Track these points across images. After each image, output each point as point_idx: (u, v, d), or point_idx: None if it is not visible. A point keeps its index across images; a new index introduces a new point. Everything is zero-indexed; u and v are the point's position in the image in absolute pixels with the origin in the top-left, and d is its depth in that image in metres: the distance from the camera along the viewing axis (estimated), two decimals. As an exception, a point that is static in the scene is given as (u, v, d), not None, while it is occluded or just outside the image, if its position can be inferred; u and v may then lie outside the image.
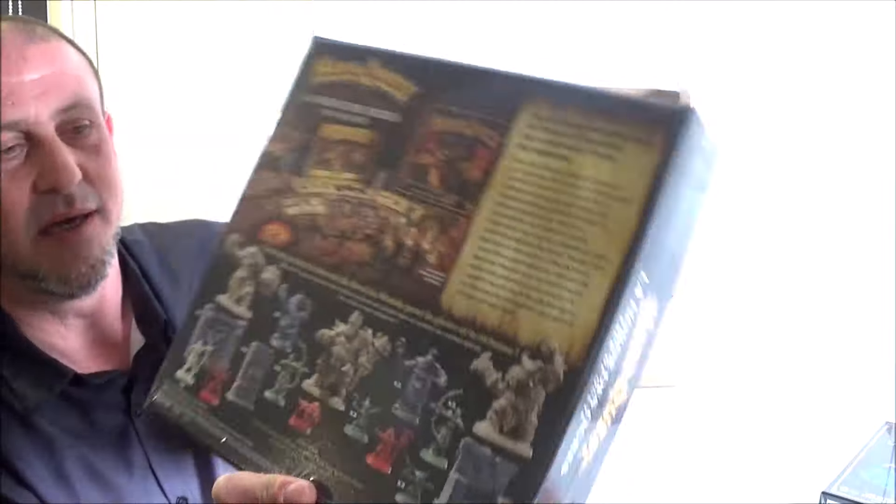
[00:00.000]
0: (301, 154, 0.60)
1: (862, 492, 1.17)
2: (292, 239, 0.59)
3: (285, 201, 0.60)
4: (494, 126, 0.53)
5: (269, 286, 0.59)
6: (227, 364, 0.60)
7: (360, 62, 0.59)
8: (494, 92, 0.55)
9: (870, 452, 1.26)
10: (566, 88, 0.52)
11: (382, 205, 0.56)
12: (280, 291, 0.58)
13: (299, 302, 0.58)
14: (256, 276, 0.60)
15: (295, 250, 0.58)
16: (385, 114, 0.58)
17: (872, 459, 1.24)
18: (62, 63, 0.81)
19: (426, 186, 0.54)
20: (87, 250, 0.80)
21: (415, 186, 0.55)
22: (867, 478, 1.20)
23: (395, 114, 0.57)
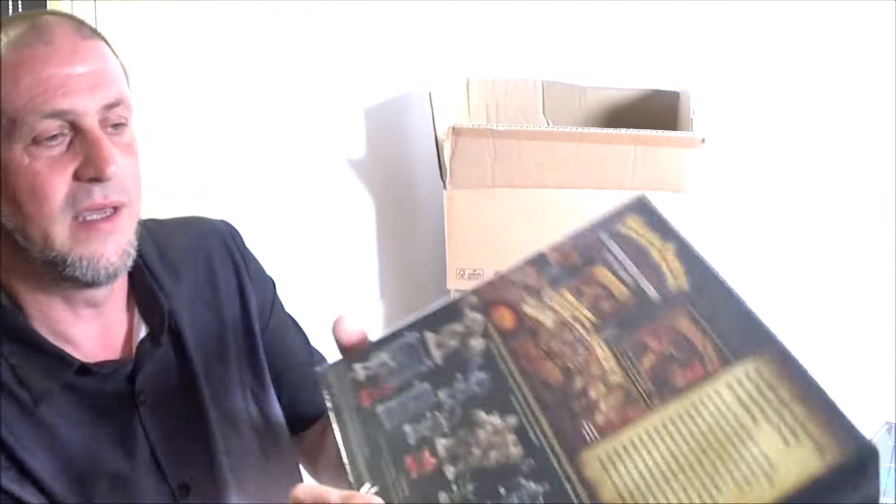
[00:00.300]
0: (566, 274, 0.69)
1: (862, 492, 1.17)
2: (512, 330, 0.67)
3: (529, 299, 0.68)
4: (721, 356, 0.59)
5: (469, 351, 0.68)
6: (396, 384, 0.68)
7: (662, 238, 0.68)
8: (739, 328, 0.60)
9: (870, 452, 1.26)
10: (794, 364, 0.57)
11: (595, 353, 0.63)
12: (473, 361, 0.67)
13: (480, 379, 0.66)
14: (466, 338, 0.69)
15: (508, 340, 0.67)
16: (651, 289, 0.65)
17: (872, 459, 1.24)
18: (106, 61, 0.85)
19: (637, 364, 0.62)
20: (116, 240, 0.83)
21: (629, 358, 0.62)
22: (867, 478, 1.20)
23: (658, 294, 0.65)
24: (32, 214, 0.81)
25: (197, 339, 0.95)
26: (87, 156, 0.81)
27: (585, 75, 1.78)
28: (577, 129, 1.46)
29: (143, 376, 0.89)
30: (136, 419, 0.88)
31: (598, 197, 1.49)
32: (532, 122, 1.76)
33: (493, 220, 1.50)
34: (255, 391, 1.00)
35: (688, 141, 1.44)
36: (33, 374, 0.83)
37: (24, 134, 0.80)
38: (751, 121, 1.73)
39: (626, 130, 1.45)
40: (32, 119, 0.80)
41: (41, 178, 0.80)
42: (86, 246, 0.82)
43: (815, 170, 1.70)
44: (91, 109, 0.81)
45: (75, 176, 0.81)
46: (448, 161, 1.46)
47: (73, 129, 0.81)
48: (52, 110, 0.80)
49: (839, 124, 1.67)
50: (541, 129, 1.48)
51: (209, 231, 1.04)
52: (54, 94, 0.80)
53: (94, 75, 0.82)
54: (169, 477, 0.88)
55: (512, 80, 1.76)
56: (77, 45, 0.83)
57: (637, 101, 1.75)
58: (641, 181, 1.47)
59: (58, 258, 0.82)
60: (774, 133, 1.72)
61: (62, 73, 0.81)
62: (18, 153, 0.80)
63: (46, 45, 0.81)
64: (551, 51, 1.83)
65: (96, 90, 0.82)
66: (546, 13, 1.82)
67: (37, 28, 0.82)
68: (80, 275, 0.83)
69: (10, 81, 0.80)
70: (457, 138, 1.44)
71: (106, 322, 0.90)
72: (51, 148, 0.81)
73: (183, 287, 0.95)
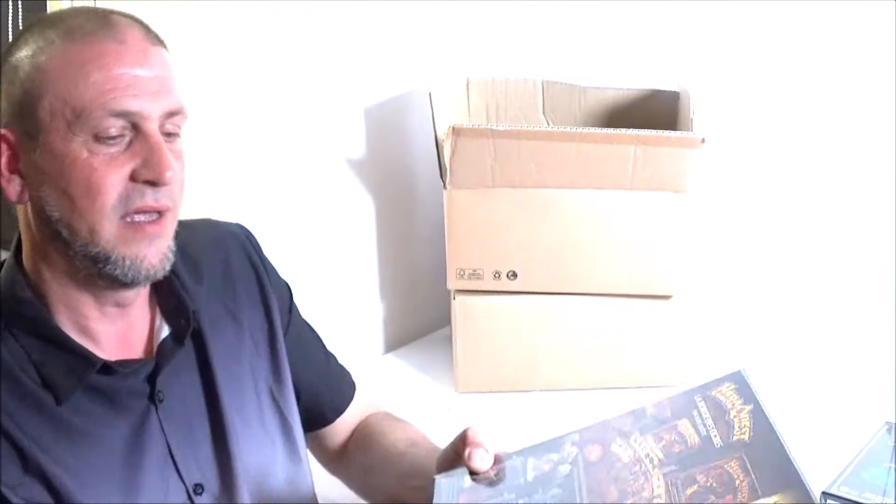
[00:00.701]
0: (656, 424, 0.81)
1: (862, 492, 1.17)
2: (595, 461, 0.80)
3: (618, 440, 0.81)
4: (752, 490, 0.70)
5: (555, 474, 0.81)
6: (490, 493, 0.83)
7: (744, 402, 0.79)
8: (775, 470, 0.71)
9: (870, 452, 1.26)
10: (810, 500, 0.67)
11: (651, 482, 0.76)
12: (555, 480, 0.80)
13: (555, 494, 0.79)
14: (558, 464, 0.82)
15: (589, 468, 0.80)
16: (717, 439, 0.77)
17: (872, 459, 1.24)
18: (170, 69, 0.86)
19: (681, 493, 0.74)
20: (160, 243, 0.85)
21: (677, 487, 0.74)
22: (867, 478, 1.20)
23: (721, 442, 0.76)
24: (83, 208, 0.81)
25: (217, 340, 0.97)
26: (147, 159, 0.82)
27: (585, 75, 1.78)
28: (577, 129, 1.46)
29: (164, 375, 0.90)
30: (153, 416, 0.89)
31: (598, 197, 1.49)
32: (532, 122, 1.76)
33: (493, 220, 1.50)
34: (275, 393, 1.02)
35: (688, 141, 1.44)
36: (56, 371, 0.84)
37: (88, 128, 0.80)
38: (751, 121, 1.73)
39: (626, 130, 1.45)
40: (99, 115, 0.80)
41: (98, 174, 0.81)
42: (130, 246, 0.83)
43: (815, 170, 1.70)
44: (155, 114, 0.83)
45: (131, 176, 0.82)
46: (448, 161, 1.46)
47: (134, 130, 0.82)
48: (121, 110, 0.81)
49: (839, 124, 1.67)
50: (541, 129, 1.48)
51: (226, 233, 1.06)
52: (124, 94, 0.81)
53: (161, 81, 0.84)
54: (184, 475, 0.89)
55: (512, 80, 1.76)
56: (147, 48, 0.84)
57: (637, 101, 1.75)
58: (641, 181, 1.47)
59: (101, 254, 0.83)
60: (774, 133, 1.72)
61: (133, 73, 0.82)
62: (78, 146, 0.81)
63: (119, 43, 0.82)
64: (551, 51, 1.83)
65: (160, 96, 0.83)
66: (546, 13, 1.82)
67: (109, 25, 0.83)
68: (121, 274, 0.84)
69: (79, 74, 0.81)
70: (457, 138, 1.44)
71: (129, 320, 0.91)
72: (111, 145, 0.81)
73: (203, 286, 0.97)
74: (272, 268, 1.09)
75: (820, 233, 1.72)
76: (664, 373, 1.58)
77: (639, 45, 1.79)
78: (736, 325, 1.78)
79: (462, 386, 1.58)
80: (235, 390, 0.96)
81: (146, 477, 0.87)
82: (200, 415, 0.93)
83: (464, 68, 1.77)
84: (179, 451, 0.90)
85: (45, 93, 0.81)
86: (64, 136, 0.81)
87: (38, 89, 0.81)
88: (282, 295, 1.09)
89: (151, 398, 0.89)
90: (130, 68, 0.82)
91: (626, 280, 1.53)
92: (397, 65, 1.73)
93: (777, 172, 1.74)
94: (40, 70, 0.82)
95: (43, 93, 0.81)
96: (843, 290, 1.72)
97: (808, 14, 1.64)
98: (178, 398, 0.91)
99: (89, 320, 0.87)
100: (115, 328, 0.90)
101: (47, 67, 0.81)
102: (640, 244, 1.51)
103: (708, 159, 1.47)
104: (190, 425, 0.92)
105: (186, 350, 0.93)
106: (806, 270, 1.75)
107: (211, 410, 0.94)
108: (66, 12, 0.87)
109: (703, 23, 1.72)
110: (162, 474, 0.88)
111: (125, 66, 0.81)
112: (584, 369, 1.57)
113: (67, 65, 0.81)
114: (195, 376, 0.94)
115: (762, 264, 1.78)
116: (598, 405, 1.55)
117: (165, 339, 0.92)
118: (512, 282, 1.53)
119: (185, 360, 0.94)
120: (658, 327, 1.56)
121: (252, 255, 1.06)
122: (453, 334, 1.58)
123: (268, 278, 1.06)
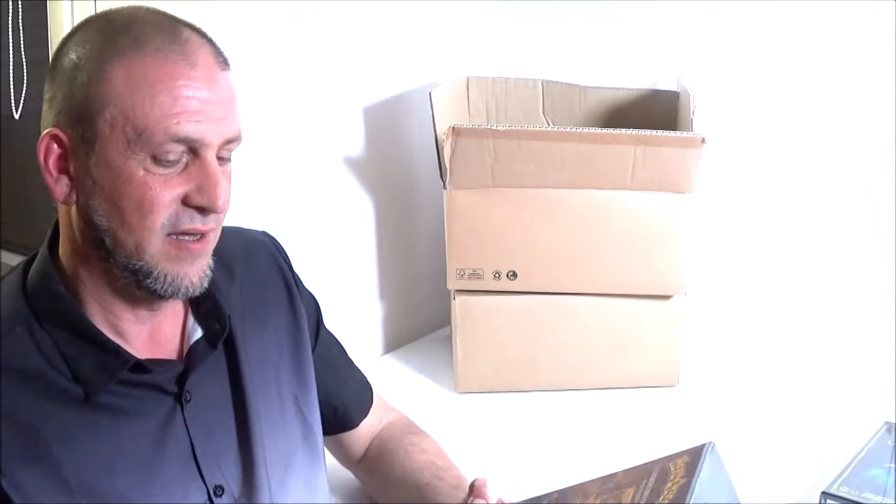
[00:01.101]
0: (611, 489, 0.90)
1: (862, 492, 1.17)
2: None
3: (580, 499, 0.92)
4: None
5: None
6: None
7: (685, 476, 0.85)
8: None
9: (870, 452, 1.26)
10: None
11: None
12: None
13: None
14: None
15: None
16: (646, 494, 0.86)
17: (872, 459, 1.24)
18: (234, 94, 0.85)
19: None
20: (202, 262, 0.86)
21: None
22: (867, 478, 1.20)
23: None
24: (133, 224, 0.81)
25: (247, 345, 0.97)
26: (202, 185, 0.82)
27: (585, 75, 1.78)
28: (577, 129, 1.46)
29: (194, 377, 0.90)
30: (178, 416, 0.89)
31: (598, 197, 1.49)
32: (532, 122, 1.76)
33: (493, 220, 1.50)
34: (299, 399, 1.02)
35: (688, 141, 1.44)
36: (86, 366, 0.83)
37: (148, 149, 0.80)
38: (751, 121, 1.73)
39: (626, 130, 1.45)
40: (161, 138, 0.79)
41: (153, 194, 0.80)
42: (174, 264, 0.83)
43: (815, 170, 1.70)
44: (216, 142, 0.82)
45: (183, 199, 0.82)
46: (448, 161, 1.46)
47: (192, 153, 0.82)
48: (184, 136, 0.80)
49: (839, 124, 1.67)
50: (541, 129, 1.48)
51: (255, 240, 1.07)
52: (189, 120, 0.80)
53: (225, 108, 0.83)
54: (206, 476, 0.90)
55: (512, 80, 1.76)
56: (216, 73, 0.83)
57: (637, 101, 1.75)
58: (641, 181, 1.47)
59: (143, 268, 0.83)
60: (774, 133, 1.72)
61: (201, 99, 0.81)
62: (135, 164, 0.80)
63: (191, 65, 0.81)
64: (551, 51, 1.83)
65: (223, 123, 0.82)
66: (546, 13, 1.82)
67: (180, 42, 0.82)
68: (160, 289, 0.84)
69: (147, 93, 0.79)
70: (457, 138, 1.44)
71: (159, 320, 0.91)
72: (167, 167, 0.81)
73: (236, 291, 0.97)
74: (299, 277, 1.10)
75: (820, 233, 1.72)
76: (664, 373, 1.58)
77: (639, 45, 1.79)
78: (736, 325, 1.78)
79: (462, 386, 1.58)
80: (262, 396, 0.97)
81: (167, 474, 0.87)
82: (226, 418, 0.94)
83: (464, 68, 1.77)
84: (202, 452, 0.90)
85: (109, 104, 0.80)
86: (122, 153, 0.80)
87: (102, 99, 0.80)
88: (310, 307, 1.11)
89: (178, 398, 0.89)
90: (199, 93, 0.81)
91: (626, 280, 1.53)
92: (397, 64, 1.73)
93: (777, 172, 1.74)
94: (105, 80, 0.80)
95: (106, 103, 0.80)
96: (842, 290, 1.72)
97: (808, 14, 1.64)
98: (204, 400, 0.91)
99: (121, 321, 0.87)
100: (146, 327, 0.90)
101: (114, 79, 0.80)
102: (640, 244, 1.51)
103: (708, 159, 1.47)
104: (214, 427, 0.92)
105: (217, 353, 0.94)
106: (806, 270, 1.75)
107: (237, 415, 0.94)
108: (133, 15, 0.84)
109: (702, 23, 1.72)
110: (183, 473, 0.88)
111: (193, 90, 0.80)
112: (584, 369, 1.57)
113: (135, 81, 0.79)
114: (224, 380, 0.95)
115: (762, 264, 1.78)
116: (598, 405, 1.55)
117: (198, 341, 0.93)
118: (512, 282, 1.53)
119: (215, 363, 0.94)
120: (658, 327, 1.56)
121: (280, 263, 1.07)
122: (453, 334, 1.58)
123: (296, 287, 1.07)
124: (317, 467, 1.04)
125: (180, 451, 0.88)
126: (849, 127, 1.66)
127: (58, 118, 0.82)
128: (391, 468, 1.14)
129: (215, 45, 0.86)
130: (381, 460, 1.16)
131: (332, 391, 1.12)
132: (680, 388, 1.59)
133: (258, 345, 0.99)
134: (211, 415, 0.92)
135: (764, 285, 1.78)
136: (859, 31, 1.61)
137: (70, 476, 0.80)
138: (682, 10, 1.73)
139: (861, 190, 1.67)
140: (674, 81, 1.73)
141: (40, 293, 0.85)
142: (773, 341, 1.74)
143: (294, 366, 1.03)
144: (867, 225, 1.68)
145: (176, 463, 0.88)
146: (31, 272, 0.87)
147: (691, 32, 1.73)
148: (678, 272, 1.52)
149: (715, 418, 1.49)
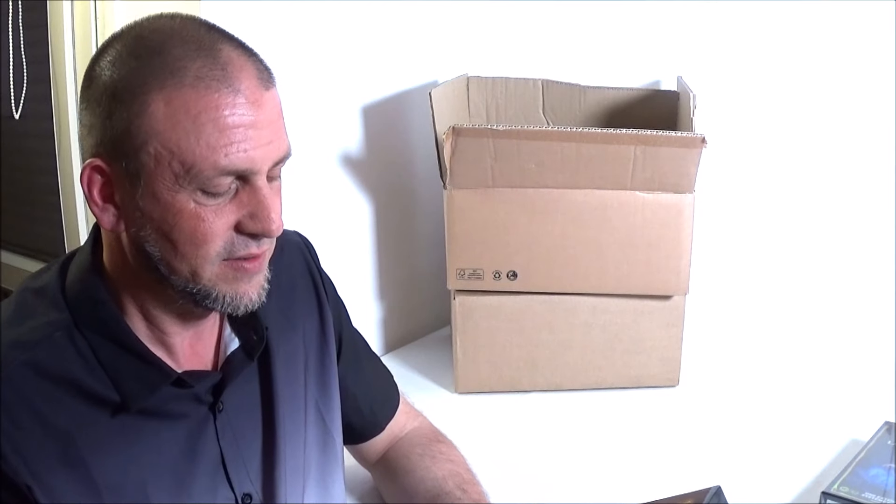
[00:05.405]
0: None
1: (862, 492, 1.17)
2: None
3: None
4: None
5: None
6: None
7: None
8: None
9: (870, 452, 1.26)
10: None
11: None
12: None
13: None
14: None
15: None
16: None
17: (872, 459, 1.24)
18: (280, 113, 0.82)
19: None
20: (259, 280, 0.84)
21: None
22: (867, 478, 1.20)
23: None
24: (187, 254, 0.79)
25: (279, 354, 0.97)
26: (255, 213, 0.80)
27: (585, 75, 1.78)
28: (577, 129, 1.45)
29: (231, 387, 0.90)
30: (210, 424, 0.88)
31: (598, 197, 1.49)
32: (532, 122, 1.76)
33: (493, 220, 1.50)
34: (321, 407, 1.02)
35: (688, 141, 1.44)
36: (127, 377, 0.82)
37: (196, 183, 0.77)
38: (751, 121, 1.73)
39: (627, 130, 1.45)
40: (210, 173, 0.77)
41: (206, 225, 0.79)
42: (231, 284, 0.82)
43: (815, 170, 1.70)
44: (265, 167, 0.80)
45: (236, 227, 0.80)
46: (448, 161, 1.46)
47: (241, 180, 0.79)
48: (233, 168, 0.78)
49: (839, 124, 1.67)
50: (541, 129, 1.48)
51: (289, 241, 1.05)
52: (236, 151, 0.77)
53: (273, 131, 0.80)
54: (234, 485, 0.90)
55: (512, 79, 1.76)
56: (261, 95, 0.79)
57: (637, 101, 1.75)
58: (641, 181, 1.47)
59: (202, 291, 0.82)
60: (774, 133, 1.72)
61: (246, 125, 0.77)
62: (184, 196, 0.78)
63: (234, 92, 0.77)
64: (551, 51, 1.83)
65: (271, 146, 0.80)
66: (546, 13, 1.82)
67: (221, 66, 0.77)
68: (220, 308, 0.83)
69: (192, 126, 0.76)
70: (457, 138, 1.44)
71: (199, 330, 0.90)
72: (217, 197, 0.79)
73: (272, 298, 0.94)
74: (329, 280, 1.09)
75: (820, 233, 1.72)
76: (664, 373, 1.58)
77: (639, 45, 1.78)
78: (736, 325, 1.78)
79: (462, 386, 1.58)
80: (289, 404, 0.97)
81: (197, 480, 0.86)
82: (255, 427, 0.93)
83: (464, 68, 1.77)
84: (232, 461, 0.89)
85: (151, 138, 0.76)
86: (170, 187, 0.77)
87: (143, 133, 0.76)
88: (338, 311, 1.10)
89: (212, 407, 0.89)
90: (243, 120, 0.77)
91: (626, 280, 1.53)
92: (397, 64, 1.73)
93: (777, 172, 1.74)
94: (146, 113, 0.76)
95: (148, 138, 0.76)
96: (842, 290, 1.72)
97: (808, 14, 1.64)
98: (237, 409, 0.91)
99: (168, 335, 0.87)
100: (189, 339, 0.89)
101: (154, 112, 0.76)
102: (641, 244, 1.51)
103: (708, 159, 1.47)
104: (245, 436, 0.92)
105: (253, 363, 0.94)
106: (806, 270, 1.75)
107: (266, 424, 0.94)
108: (166, 32, 0.79)
109: (702, 23, 1.72)
110: (212, 481, 0.88)
111: (239, 117, 0.77)
112: (584, 369, 1.57)
113: (177, 114, 0.76)
114: (255, 388, 0.94)
115: (762, 264, 1.78)
116: (598, 405, 1.55)
117: (235, 351, 0.92)
118: (512, 282, 1.53)
119: (249, 373, 0.93)
120: (658, 327, 1.56)
121: (311, 266, 1.07)
122: (453, 334, 1.58)
123: (324, 290, 1.07)
124: (335, 473, 1.04)
125: (210, 458, 0.88)
126: (849, 127, 1.66)
127: (98, 148, 0.79)
128: (414, 473, 1.13)
129: (258, 60, 0.81)
130: (406, 463, 1.15)
131: (360, 395, 1.12)
132: (680, 389, 1.59)
133: (288, 350, 0.98)
134: (240, 423, 0.91)
135: (764, 285, 1.78)
136: (859, 31, 1.61)
137: (101, 480, 0.80)
138: (682, 10, 1.73)
139: (861, 190, 1.67)
140: (674, 81, 1.73)
141: (82, 301, 0.83)
142: (774, 341, 1.74)
143: (318, 372, 1.03)
144: (867, 225, 1.68)
145: (206, 470, 0.87)
146: (72, 278, 0.85)
147: (691, 32, 1.73)
148: (678, 272, 1.52)
149: (715, 418, 1.49)
